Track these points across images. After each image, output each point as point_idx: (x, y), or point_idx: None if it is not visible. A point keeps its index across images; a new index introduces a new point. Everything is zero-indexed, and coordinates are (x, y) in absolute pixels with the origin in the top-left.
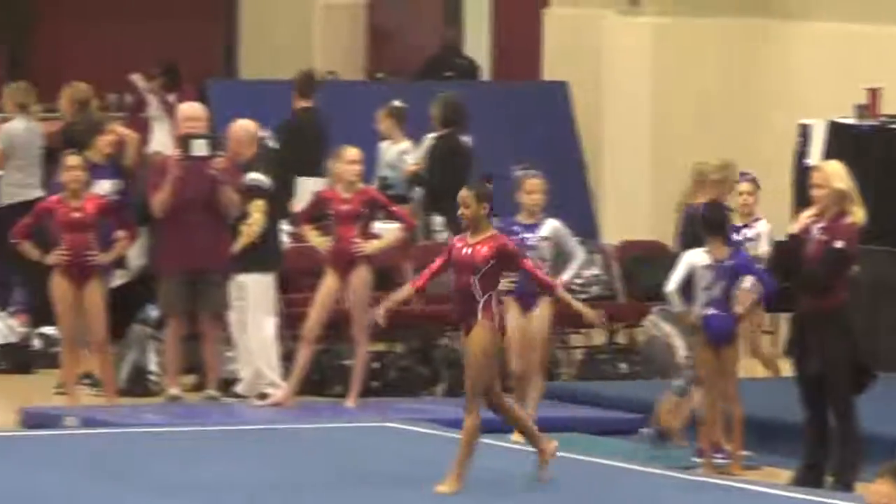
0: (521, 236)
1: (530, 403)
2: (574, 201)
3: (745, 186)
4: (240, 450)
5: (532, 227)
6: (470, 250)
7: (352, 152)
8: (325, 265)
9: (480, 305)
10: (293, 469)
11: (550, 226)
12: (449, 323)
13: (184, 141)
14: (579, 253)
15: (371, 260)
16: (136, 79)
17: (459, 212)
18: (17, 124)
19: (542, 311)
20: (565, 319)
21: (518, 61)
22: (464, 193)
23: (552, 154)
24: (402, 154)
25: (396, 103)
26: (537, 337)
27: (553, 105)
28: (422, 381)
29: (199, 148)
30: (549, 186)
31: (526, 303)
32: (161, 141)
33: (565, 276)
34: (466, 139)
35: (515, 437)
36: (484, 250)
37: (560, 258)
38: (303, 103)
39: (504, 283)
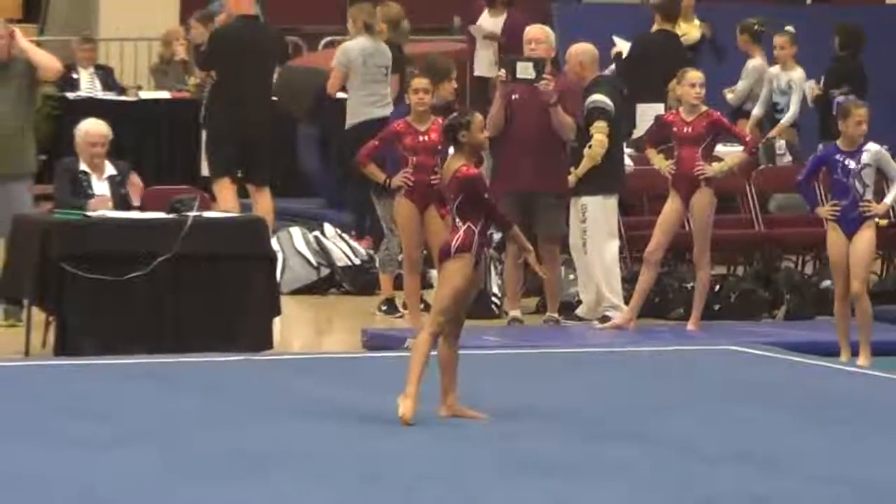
0: (843, 163)
1: (861, 327)
2: None
3: None
4: (580, 373)
5: (854, 154)
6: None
7: (694, 75)
8: (668, 188)
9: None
10: (630, 393)
11: (872, 151)
12: (790, 246)
13: (510, 64)
14: None
15: (714, 182)
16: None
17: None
18: (357, 43)
19: (865, 234)
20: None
21: None
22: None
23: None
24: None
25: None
26: (858, 260)
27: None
28: (763, 304)
29: (525, 71)
30: (893, 110)
31: (846, 227)
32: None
33: (888, 199)
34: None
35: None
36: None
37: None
38: (666, 26)
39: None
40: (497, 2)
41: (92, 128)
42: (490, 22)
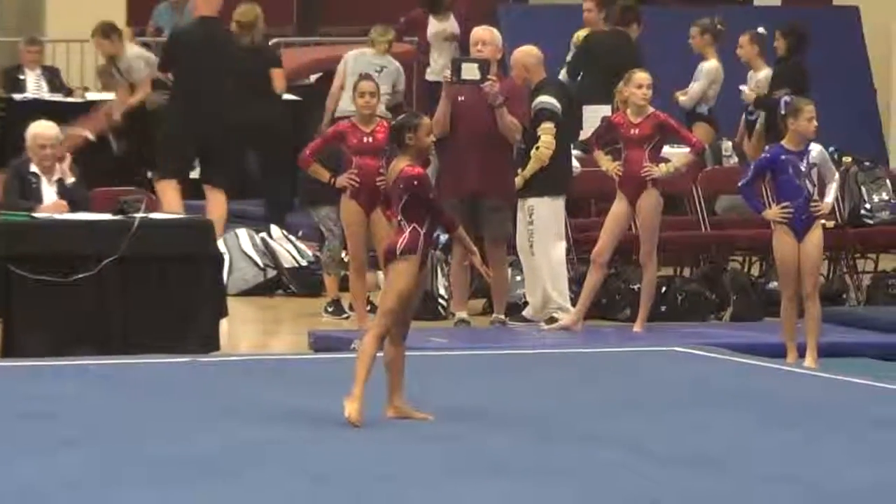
0: (791, 163)
1: (809, 329)
2: (863, 126)
3: None
4: (527, 374)
5: (801, 154)
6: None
7: (641, 76)
8: (615, 189)
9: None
10: (578, 394)
11: (816, 150)
12: (736, 247)
13: (455, 65)
14: (836, 175)
15: (660, 184)
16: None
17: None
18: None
19: (815, 235)
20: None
21: None
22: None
23: (842, 79)
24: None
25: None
26: (810, 262)
27: (842, 29)
28: (709, 305)
29: (470, 72)
30: (839, 111)
31: (798, 228)
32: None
33: (829, 198)
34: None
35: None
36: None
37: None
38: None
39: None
40: (443, 6)
41: (41, 130)
42: (443, 26)
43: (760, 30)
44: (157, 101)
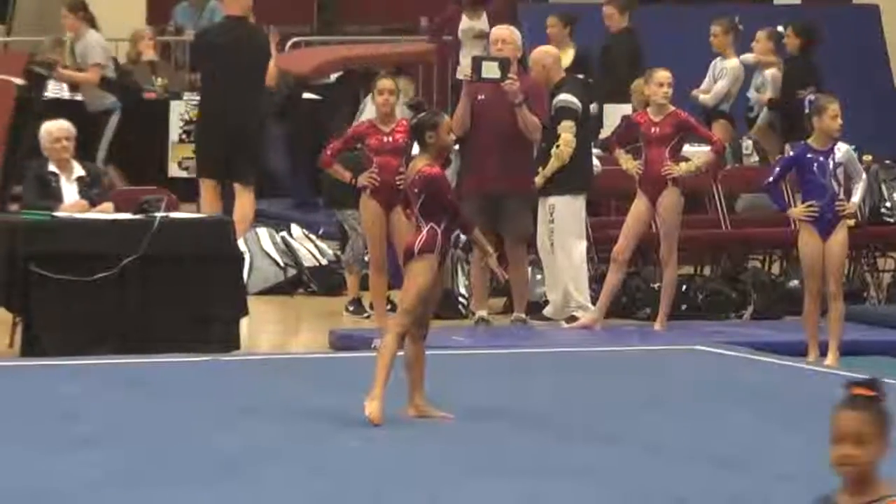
0: (817, 161)
1: (832, 328)
2: (882, 125)
3: None
4: (547, 373)
5: (827, 153)
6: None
7: (662, 74)
8: (635, 188)
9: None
10: (599, 392)
11: (843, 149)
12: (756, 246)
13: (475, 63)
14: (864, 175)
15: (681, 182)
16: None
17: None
18: None
19: (840, 234)
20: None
21: None
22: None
23: (861, 79)
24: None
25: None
26: (834, 261)
27: (863, 27)
28: (729, 303)
29: (490, 70)
30: (859, 110)
31: (823, 227)
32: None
33: (856, 198)
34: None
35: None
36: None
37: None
38: (623, 23)
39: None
40: (477, 2)
41: (54, 126)
42: (472, 23)
43: (780, 28)
44: (96, 102)
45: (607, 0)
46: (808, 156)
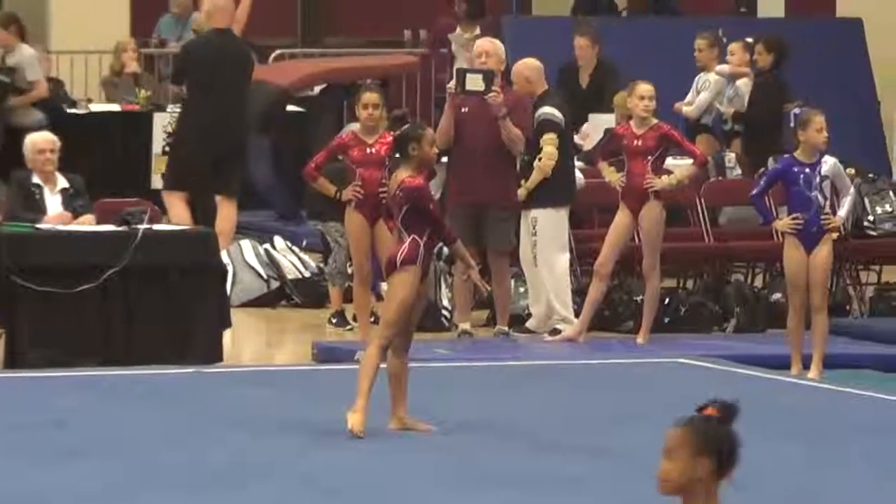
0: (802, 174)
1: (816, 341)
2: (866, 138)
3: None
4: (530, 386)
5: (813, 166)
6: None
7: (644, 88)
8: (617, 201)
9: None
10: (582, 405)
11: (830, 163)
12: (739, 259)
13: (459, 76)
14: (851, 189)
15: (663, 195)
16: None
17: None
18: None
19: (825, 248)
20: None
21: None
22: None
23: (845, 92)
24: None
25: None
26: (819, 274)
27: (846, 41)
28: (712, 317)
29: (474, 83)
30: (842, 124)
31: (807, 240)
32: None
33: (842, 211)
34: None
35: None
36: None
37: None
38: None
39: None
40: (475, 15)
41: (39, 137)
42: (464, 34)
43: (749, 39)
44: (24, 119)
45: (580, 32)
46: (794, 168)
